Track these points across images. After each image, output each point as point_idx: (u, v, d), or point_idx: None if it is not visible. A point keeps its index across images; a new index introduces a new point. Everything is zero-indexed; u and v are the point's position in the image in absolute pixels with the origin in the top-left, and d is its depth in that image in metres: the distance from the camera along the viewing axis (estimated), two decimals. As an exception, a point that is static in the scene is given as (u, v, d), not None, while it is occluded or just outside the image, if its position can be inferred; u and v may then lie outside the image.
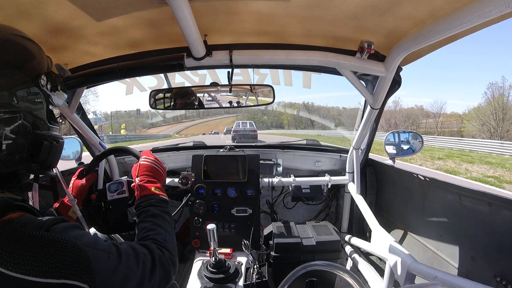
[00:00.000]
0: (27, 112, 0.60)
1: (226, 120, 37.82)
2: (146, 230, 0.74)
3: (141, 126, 44.33)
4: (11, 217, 0.51)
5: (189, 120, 47.60)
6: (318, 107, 37.05)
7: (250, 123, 16.35)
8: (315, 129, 23.76)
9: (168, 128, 45.51)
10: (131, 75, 1.40)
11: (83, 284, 0.47)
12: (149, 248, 0.66)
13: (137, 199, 0.86)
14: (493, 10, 0.69)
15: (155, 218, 0.78)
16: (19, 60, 0.60)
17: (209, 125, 42.51)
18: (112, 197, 1.09)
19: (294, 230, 1.79)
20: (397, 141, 1.89)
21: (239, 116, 34.67)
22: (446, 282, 0.93)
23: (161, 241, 0.72)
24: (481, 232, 1.15)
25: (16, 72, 0.59)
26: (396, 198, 1.87)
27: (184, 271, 1.98)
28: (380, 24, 1.05)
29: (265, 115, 44.53)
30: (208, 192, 1.75)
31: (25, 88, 0.61)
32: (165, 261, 0.68)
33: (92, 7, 0.93)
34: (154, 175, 0.94)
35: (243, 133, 14.51)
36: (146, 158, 0.97)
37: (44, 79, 0.66)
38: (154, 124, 44.18)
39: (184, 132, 39.11)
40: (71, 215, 0.99)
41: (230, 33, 1.23)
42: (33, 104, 0.63)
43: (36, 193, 0.81)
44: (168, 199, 0.89)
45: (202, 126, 43.73)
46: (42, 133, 0.65)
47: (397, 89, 1.45)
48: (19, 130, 0.58)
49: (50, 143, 0.66)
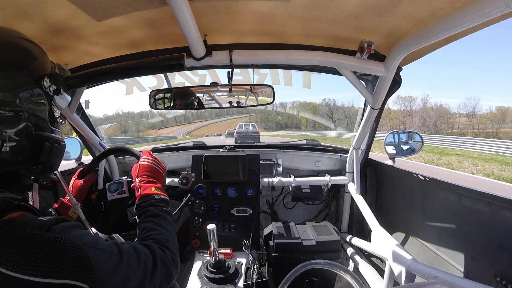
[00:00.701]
0: (29, 113, 0.61)
1: (239, 120, 37.57)
2: (147, 230, 0.74)
3: (148, 127, 43.96)
4: (11, 217, 0.51)
5: (201, 120, 47.24)
6: (340, 106, 35.99)
7: (252, 124, 16.87)
8: (339, 129, 23.18)
9: (180, 129, 45.15)
10: (131, 75, 1.40)
11: (83, 284, 0.47)
12: (151, 248, 0.67)
13: (137, 199, 0.86)
14: (493, 10, 0.69)
15: (156, 218, 0.78)
16: (22, 62, 0.61)
17: (221, 126, 42.23)
18: (112, 197, 1.09)
19: (294, 230, 1.79)
20: (397, 141, 1.89)
21: (252, 116, 34.21)
22: (446, 282, 0.93)
23: (163, 240, 0.72)
24: (481, 232, 1.15)
25: (19, 74, 0.59)
26: (396, 198, 1.87)
27: (184, 271, 1.97)
28: (380, 24, 1.05)
29: (279, 115, 43.74)
30: (208, 192, 1.75)
31: (28, 89, 0.61)
32: (166, 261, 0.68)
33: (92, 7, 0.93)
34: (154, 175, 0.94)
35: (245, 135, 14.98)
36: (146, 158, 0.97)
37: (47, 81, 0.66)
38: (164, 124, 43.71)
39: (195, 133, 38.72)
40: (71, 215, 0.99)
41: (230, 33, 1.23)
42: (36, 105, 0.63)
43: (36, 193, 0.81)
44: (169, 199, 0.89)
45: (214, 126, 43.49)
46: (44, 134, 0.66)
47: (397, 89, 1.45)
48: (21, 131, 0.59)
49: (52, 144, 0.66)
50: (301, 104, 36.04)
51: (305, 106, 38.59)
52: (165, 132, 45.29)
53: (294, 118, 44.33)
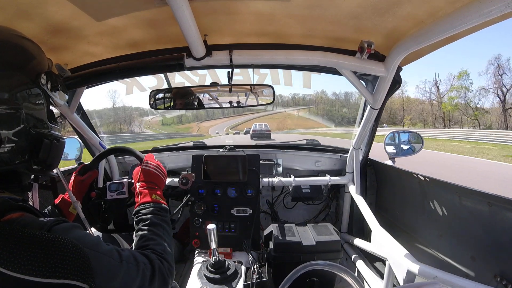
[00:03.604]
0: (27, 110, 0.60)
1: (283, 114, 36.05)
2: (146, 239, 0.75)
3: (192, 119, 44.37)
4: (11, 217, 0.51)
5: (239, 114, 46.80)
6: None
7: (265, 124, 20.93)
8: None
9: (218, 124, 45.10)
10: (131, 75, 1.40)
11: (83, 284, 0.48)
12: (150, 258, 0.67)
13: (137, 205, 0.86)
14: (493, 10, 0.69)
15: (155, 227, 0.79)
16: (18, 60, 0.60)
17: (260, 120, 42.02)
18: (112, 197, 1.09)
19: (294, 230, 1.79)
20: (397, 141, 1.89)
21: (311, 108, 31.67)
22: (446, 282, 0.93)
23: (161, 252, 0.72)
24: (481, 232, 1.15)
25: (15, 72, 0.59)
26: (396, 198, 1.87)
27: (184, 271, 1.98)
28: (380, 24, 1.05)
29: (345, 107, 40.76)
30: (208, 192, 1.75)
31: (25, 86, 0.61)
32: (164, 272, 0.69)
33: (92, 7, 0.93)
34: (156, 182, 0.94)
35: (259, 133, 18.92)
36: (148, 164, 0.97)
37: (44, 78, 0.66)
38: (210, 117, 43.53)
39: (240, 128, 38.38)
40: (71, 211, 1.00)
41: (230, 33, 1.23)
42: (33, 102, 0.63)
43: (36, 193, 0.81)
44: (168, 207, 0.90)
45: (249, 123, 42.97)
46: (42, 131, 0.65)
47: (397, 89, 1.45)
48: (19, 128, 0.58)
49: (50, 141, 0.66)
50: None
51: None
52: (207, 125, 45.58)
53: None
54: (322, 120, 42.84)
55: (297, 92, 46.52)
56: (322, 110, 40.61)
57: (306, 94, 38.64)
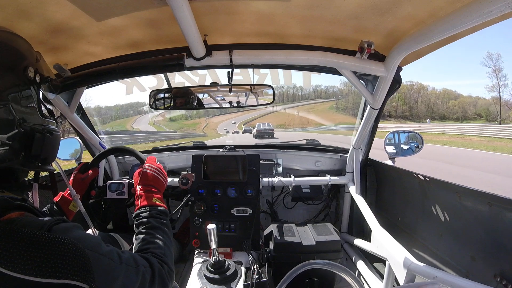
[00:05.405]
0: (16, 105, 0.59)
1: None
2: (146, 243, 0.75)
3: (202, 114, 45.58)
4: (11, 217, 0.51)
5: (252, 109, 47.08)
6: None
7: (268, 124, 22.39)
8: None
9: (229, 119, 45.12)
10: (131, 75, 1.40)
11: (83, 284, 0.47)
12: (150, 262, 0.67)
13: (137, 208, 0.86)
14: (493, 10, 0.69)
15: (155, 231, 0.79)
16: (2, 55, 0.59)
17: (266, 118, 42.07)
18: (112, 196, 1.09)
19: (294, 230, 1.79)
20: (397, 141, 1.89)
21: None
22: (446, 282, 0.93)
23: (161, 255, 0.73)
24: (481, 232, 1.15)
25: (1, 66, 0.58)
26: (396, 198, 1.87)
27: (183, 271, 1.98)
28: (380, 24, 1.05)
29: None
30: (208, 192, 1.75)
31: (12, 80, 0.60)
32: (164, 275, 0.69)
33: (92, 7, 0.93)
34: (156, 185, 0.94)
35: (263, 131, 20.39)
36: (150, 167, 0.97)
37: (32, 71, 0.65)
38: (210, 113, 43.69)
39: (252, 123, 38.53)
40: (71, 209, 1.00)
41: (230, 33, 1.23)
42: (22, 97, 0.62)
43: (36, 192, 0.81)
44: (168, 211, 0.90)
45: (261, 119, 42.96)
46: (34, 126, 0.64)
47: (397, 89, 1.45)
48: (8, 123, 0.57)
49: (43, 135, 0.65)
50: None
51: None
52: (217, 120, 45.69)
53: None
54: (352, 114, 40.31)
55: (319, 84, 43.69)
56: (352, 102, 37.73)
57: (329, 86, 34.92)
